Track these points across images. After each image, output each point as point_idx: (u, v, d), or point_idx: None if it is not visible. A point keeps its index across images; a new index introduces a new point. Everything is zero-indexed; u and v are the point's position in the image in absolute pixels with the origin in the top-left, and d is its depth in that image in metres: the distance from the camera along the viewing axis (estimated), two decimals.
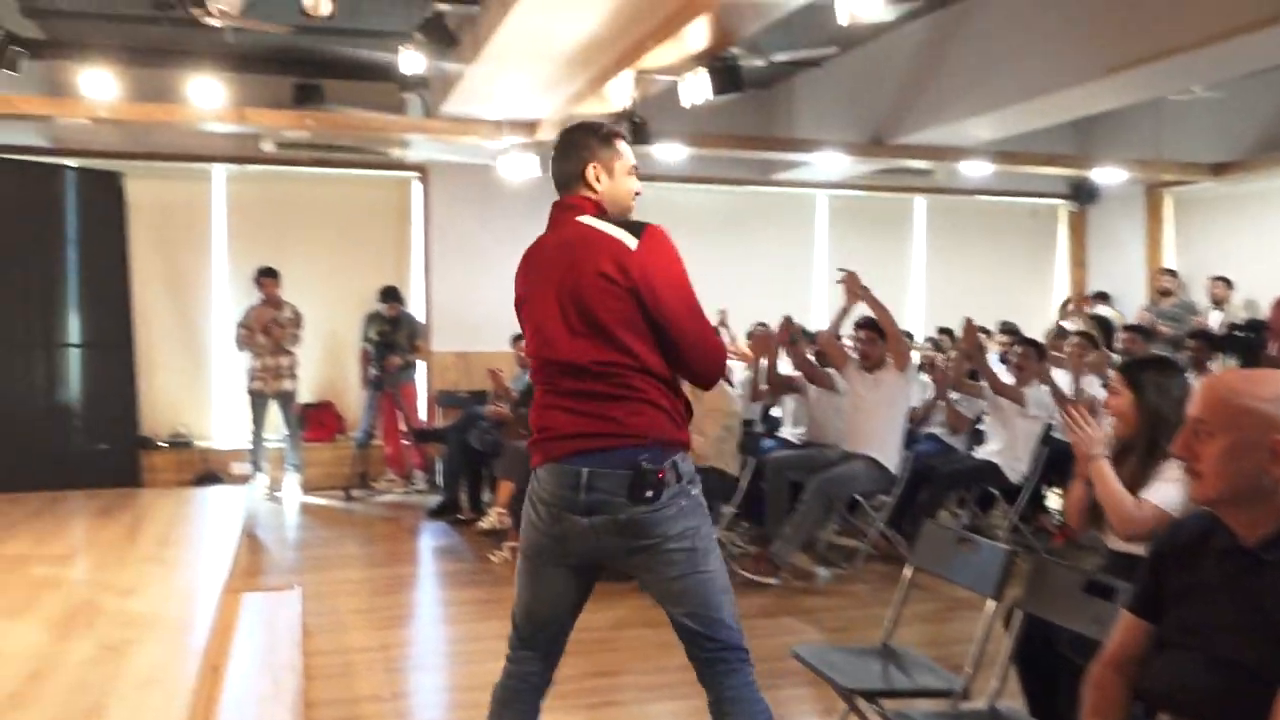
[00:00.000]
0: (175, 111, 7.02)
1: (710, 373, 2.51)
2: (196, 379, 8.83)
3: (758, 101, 8.75)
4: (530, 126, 7.50)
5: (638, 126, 6.18)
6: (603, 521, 2.35)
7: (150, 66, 7.02)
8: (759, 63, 6.96)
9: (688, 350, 2.40)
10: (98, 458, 7.73)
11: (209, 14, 5.00)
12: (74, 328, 7.74)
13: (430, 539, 6.78)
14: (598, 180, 2.48)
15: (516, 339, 7.75)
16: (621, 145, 2.54)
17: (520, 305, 2.55)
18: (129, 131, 7.89)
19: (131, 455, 7.98)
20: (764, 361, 6.45)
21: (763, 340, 6.74)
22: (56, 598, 4.13)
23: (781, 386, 6.50)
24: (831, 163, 8.74)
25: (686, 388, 2.51)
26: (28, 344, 7.42)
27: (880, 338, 5.67)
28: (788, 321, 6.61)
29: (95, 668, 3.28)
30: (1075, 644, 2.51)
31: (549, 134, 7.39)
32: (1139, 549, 2.59)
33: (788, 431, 6.72)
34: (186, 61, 6.85)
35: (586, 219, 2.43)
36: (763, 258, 9.82)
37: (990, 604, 2.81)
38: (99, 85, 6.64)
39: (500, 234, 9.08)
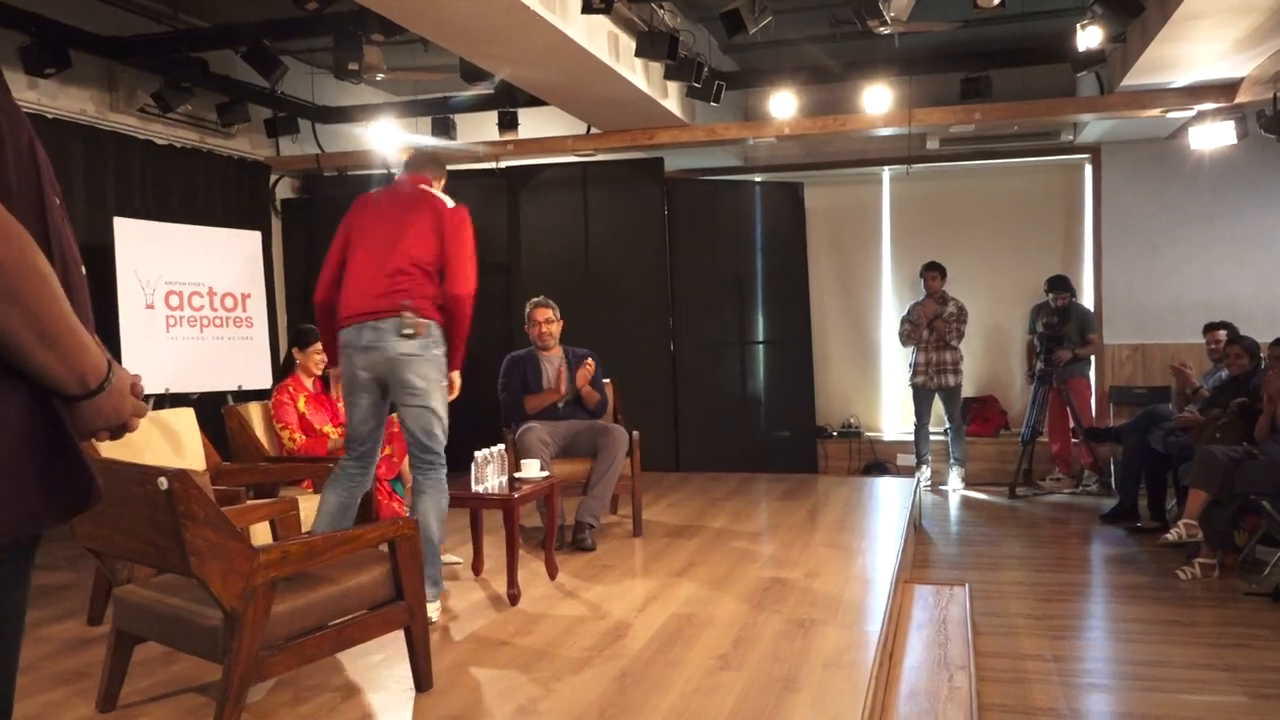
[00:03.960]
0: (849, 121, 7.41)
1: None
2: (865, 372, 9.31)
3: None
4: (1227, 90, 6.60)
5: None
6: None
7: (823, 82, 7.48)
8: None
9: None
10: (781, 444, 8.52)
11: (882, 24, 5.17)
12: (760, 326, 8.59)
13: (1103, 546, 6.34)
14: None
15: (1209, 328, 6.91)
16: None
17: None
18: (806, 145, 8.55)
19: (809, 443, 8.68)
20: None
21: None
22: (751, 571, 4.62)
23: None
24: None
25: None
26: (726, 342, 8.40)
27: None
28: None
29: (786, 642, 3.58)
30: None
31: (1253, 95, 6.43)
32: None
33: None
34: (854, 72, 7.18)
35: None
36: None
37: None
38: (783, 106, 7.27)
39: (1183, 212, 8.23)
